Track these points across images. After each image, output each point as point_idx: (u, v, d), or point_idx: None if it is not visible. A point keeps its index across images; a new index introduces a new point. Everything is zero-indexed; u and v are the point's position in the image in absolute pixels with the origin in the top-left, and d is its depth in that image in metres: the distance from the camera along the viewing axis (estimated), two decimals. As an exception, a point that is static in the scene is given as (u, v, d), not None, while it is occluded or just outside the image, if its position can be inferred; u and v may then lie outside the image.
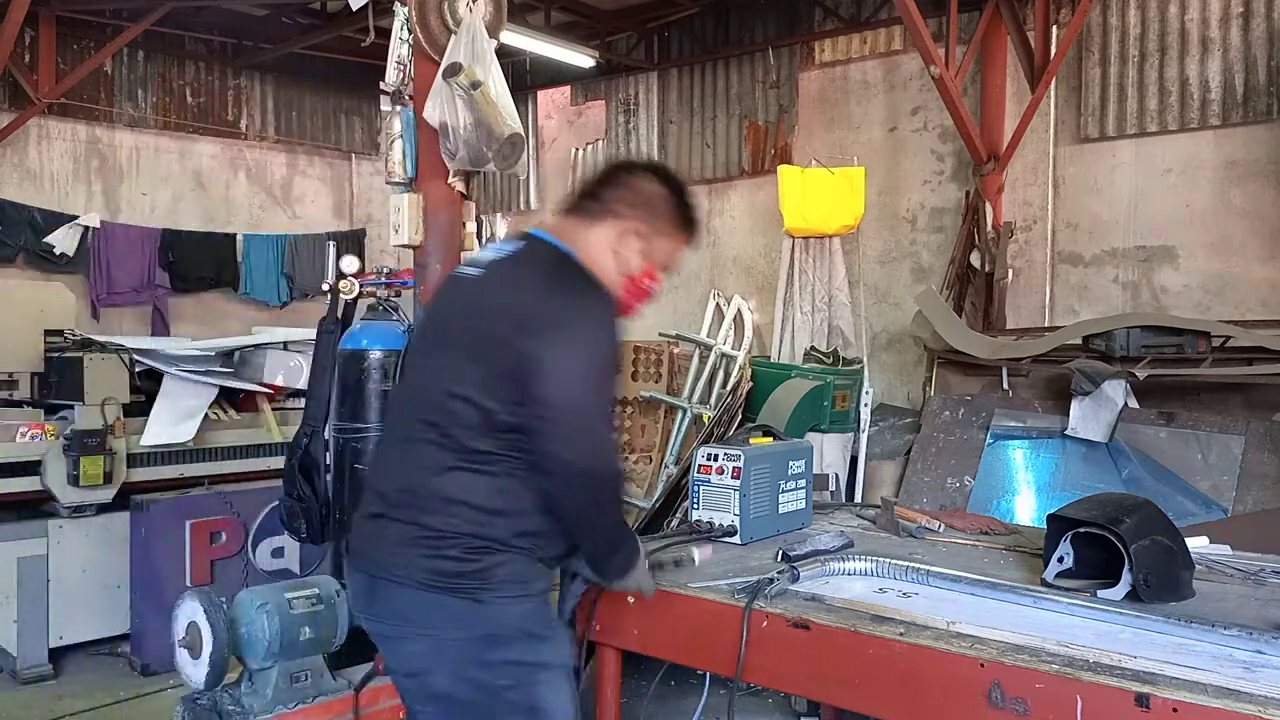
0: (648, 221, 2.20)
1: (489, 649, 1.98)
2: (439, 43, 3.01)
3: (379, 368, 3.28)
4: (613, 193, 2.19)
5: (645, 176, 2.24)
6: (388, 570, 2.03)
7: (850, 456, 7.21)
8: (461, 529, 1.98)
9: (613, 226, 2.17)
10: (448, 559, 1.97)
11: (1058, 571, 2.49)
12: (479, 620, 1.97)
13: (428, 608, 1.98)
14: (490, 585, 1.97)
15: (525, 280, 2.09)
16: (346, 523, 3.32)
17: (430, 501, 2.01)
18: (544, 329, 1.98)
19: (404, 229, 3.11)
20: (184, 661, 2.40)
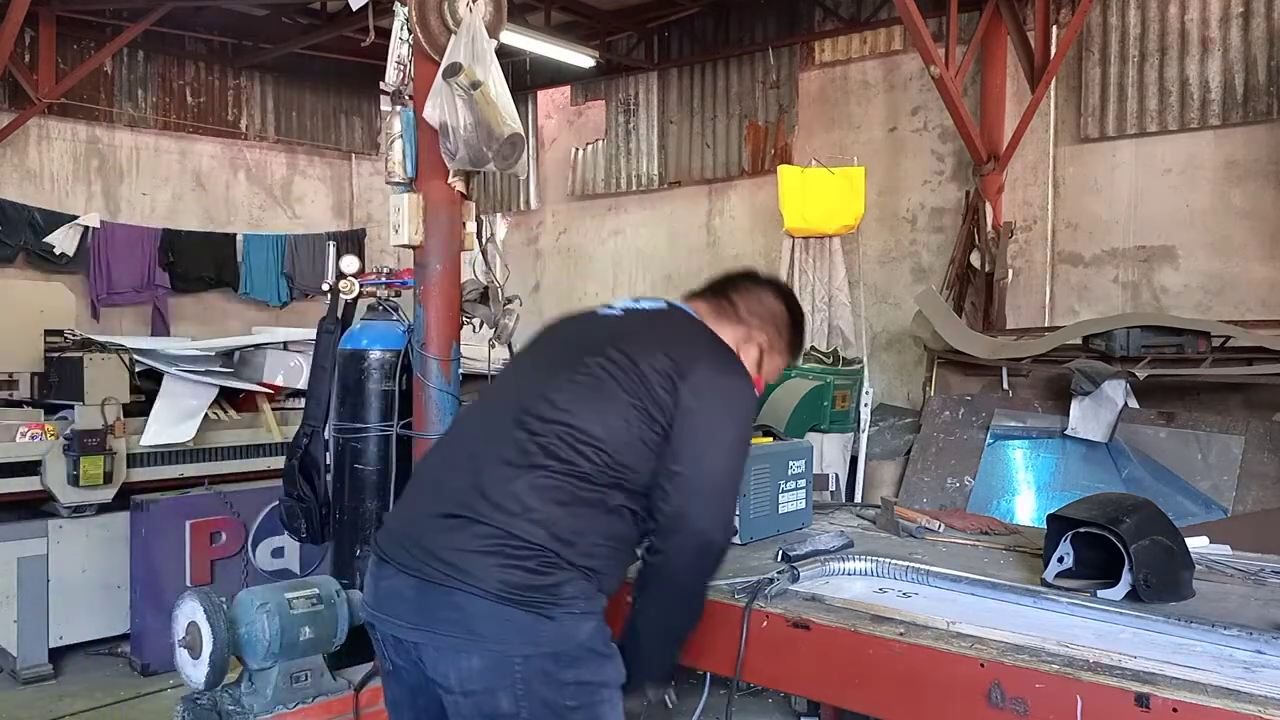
0: (772, 339, 2.31)
1: (559, 668, 1.90)
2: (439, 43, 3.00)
3: (379, 368, 3.28)
4: (745, 302, 2.30)
5: (774, 294, 2.35)
6: (453, 576, 1.90)
7: (850, 456, 7.21)
8: (537, 541, 1.91)
9: (742, 333, 2.27)
10: (523, 570, 1.89)
11: (1058, 571, 2.49)
12: (549, 637, 1.89)
13: (499, 621, 1.88)
14: (560, 601, 1.90)
15: (685, 337, 2.14)
16: (346, 523, 3.33)
17: (514, 510, 1.93)
18: (705, 389, 2.01)
19: (404, 229, 3.10)
20: (184, 661, 2.40)
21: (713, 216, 10.33)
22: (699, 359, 2.06)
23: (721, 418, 2.03)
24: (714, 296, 2.31)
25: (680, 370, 2.01)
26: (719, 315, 2.27)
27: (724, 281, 2.36)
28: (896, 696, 2.06)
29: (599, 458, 1.96)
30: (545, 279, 11.60)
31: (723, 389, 2.06)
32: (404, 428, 3.24)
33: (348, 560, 3.30)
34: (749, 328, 2.28)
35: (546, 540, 1.91)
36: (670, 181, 10.56)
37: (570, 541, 1.93)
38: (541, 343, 2.28)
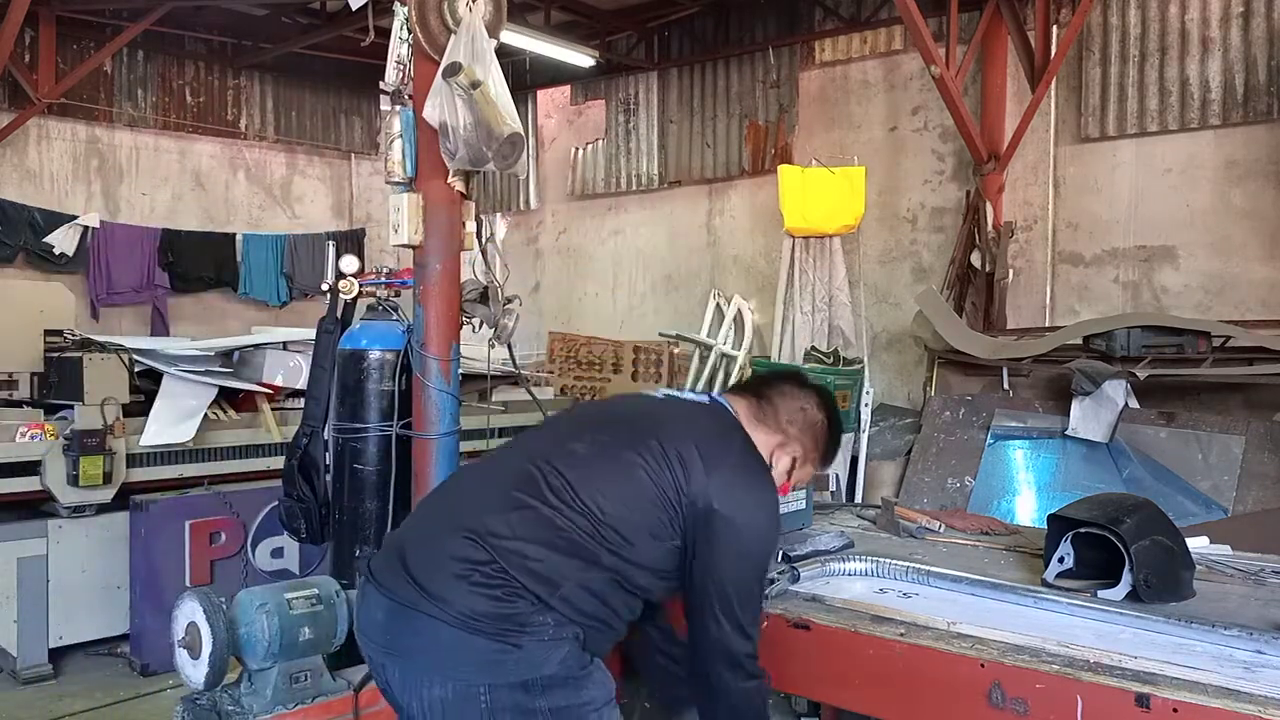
0: (808, 449, 2.27)
1: (529, 697, 1.85)
2: (439, 42, 3.00)
3: (378, 368, 3.28)
4: (786, 408, 2.25)
5: (816, 403, 2.30)
6: (422, 600, 1.87)
7: (850, 456, 7.21)
8: (511, 571, 1.86)
9: (778, 440, 2.23)
10: (490, 598, 1.84)
11: (1058, 572, 2.49)
12: (515, 667, 1.84)
13: (461, 650, 1.84)
14: (527, 629, 1.84)
15: (719, 435, 2.12)
16: (346, 523, 3.33)
17: (501, 534, 1.90)
18: (729, 493, 2.00)
19: (404, 229, 3.10)
20: (183, 662, 2.40)
21: (713, 216, 10.32)
22: (727, 460, 2.05)
23: (750, 533, 2.01)
24: (756, 398, 2.28)
25: (708, 467, 2.00)
26: (758, 419, 2.24)
27: (768, 381, 2.34)
28: (896, 696, 2.06)
29: (602, 518, 1.94)
30: (545, 279, 11.60)
31: (756, 504, 2.04)
32: (404, 428, 3.24)
33: (347, 560, 3.30)
34: (786, 436, 2.24)
35: (521, 573, 1.86)
36: (670, 181, 10.56)
37: (549, 581, 1.88)
38: (576, 411, 2.36)
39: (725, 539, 1.98)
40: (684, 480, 1.98)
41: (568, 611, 1.90)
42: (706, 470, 2.00)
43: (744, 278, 9.91)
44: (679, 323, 9.76)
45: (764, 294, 9.43)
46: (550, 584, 1.88)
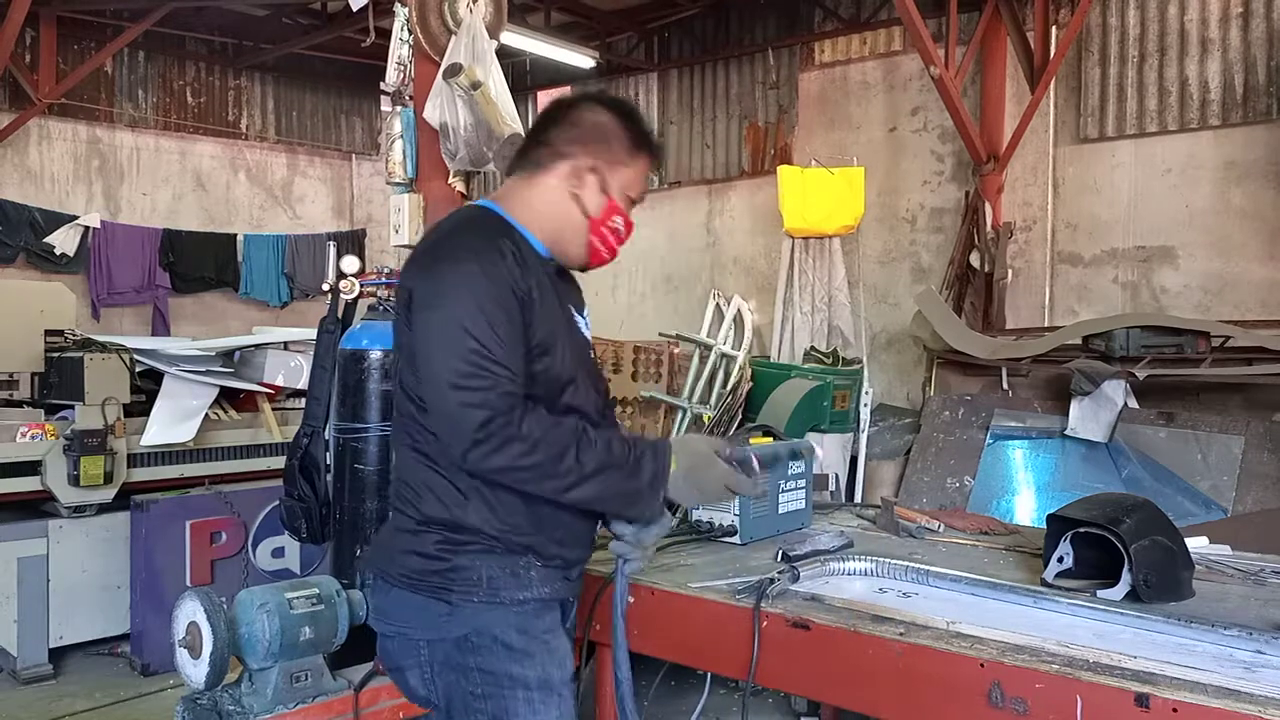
0: (602, 155, 1.96)
1: (459, 653, 1.84)
2: (439, 43, 3.01)
3: (379, 368, 3.28)
4: (559, 133, 1.95)
5: (588, 107, 1.98)
6: (374, 565, 1.99)
7: (850, 456, 7.21)
8: (430, 514, 1.84)
9: (565, 169, 1.94)
10: (418, 554, 1.85)
11: (1058, 571, 2.49)
12: (449, 622, 1.83)
13: (402, 605, 1.88)
14: (457, 587, 1.82)
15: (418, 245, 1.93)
16: (346, 523, 3.33)
17: (401, 489, 1.92)
18: (411, 282, 1.84)
19: (404, 229, 3.11)
20: (184, 661, 2.40)
21: (713, 217, 10.33)
22: (415, 262, 1.88)
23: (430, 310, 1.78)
24: (528, 151, 1.99)
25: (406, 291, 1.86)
26: (536, 171, 1.96)
27: (536, 126, 2.02)
28: (896, 696, 2.06)
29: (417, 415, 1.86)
30: (545, 279, 11.58)
31: (430, 276, 1.81)
32: (404, 428, 3.24)
33: (348, 560, 3.30)
34: (572, 159, 1.94)
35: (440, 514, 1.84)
36: (670, 182, 10.57)
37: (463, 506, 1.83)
38: None
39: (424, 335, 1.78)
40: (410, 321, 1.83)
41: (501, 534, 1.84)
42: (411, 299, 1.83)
43: (744, 278, 9.91)
44: (679, 323, 9.75)
45: (764, 294, 9.43)
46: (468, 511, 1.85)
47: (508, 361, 1.74)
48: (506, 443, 1.71)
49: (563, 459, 1.75)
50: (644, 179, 2.07)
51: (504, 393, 1.72)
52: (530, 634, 1.86)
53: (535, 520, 1.86)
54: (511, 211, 1.94)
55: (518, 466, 1.73)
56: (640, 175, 2.05)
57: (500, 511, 1.84)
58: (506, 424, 1.70)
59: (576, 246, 2.00)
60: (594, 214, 1.98)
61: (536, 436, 1.73)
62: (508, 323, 1.77)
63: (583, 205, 1.96)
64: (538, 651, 1.87)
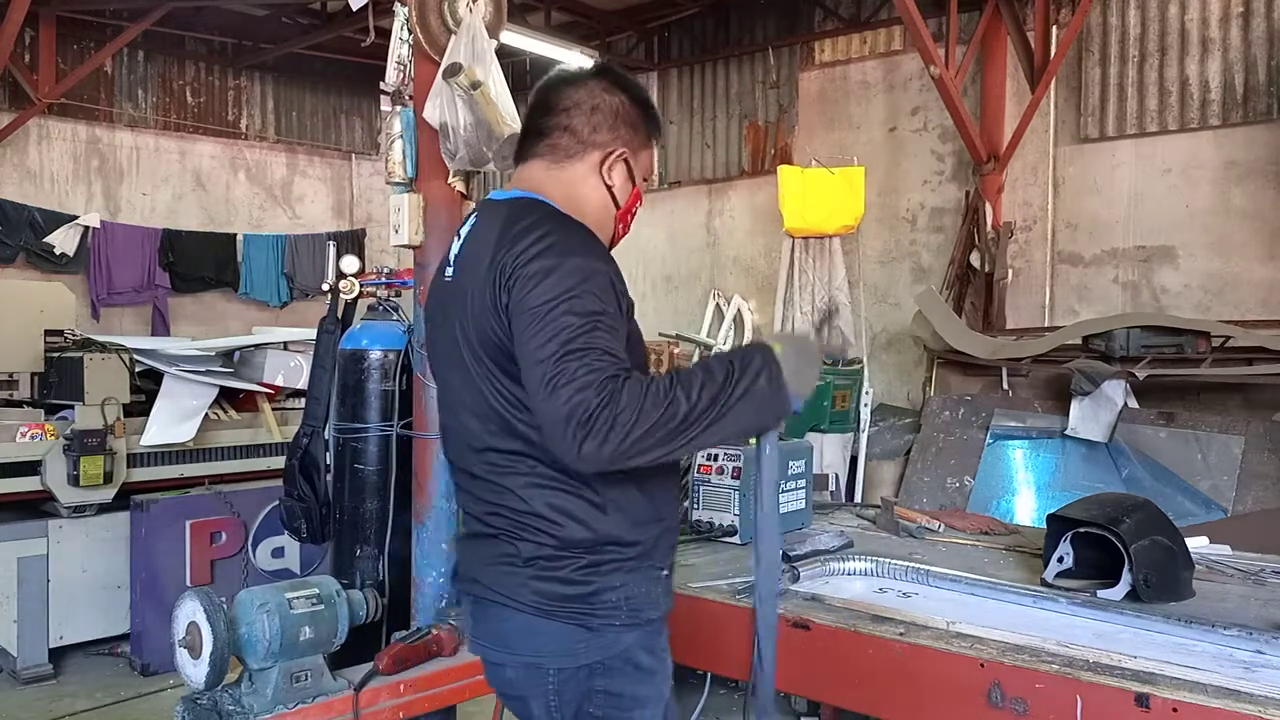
0: (630, 141, 1.91)
1: (590, 678, 1.78)
2: (439, 43, 3.00)
3: (379, 368, 3.28)
4: (583, 118, 1.87)
5: (604, 88, 1.89)
6: (488, 590, 1.83)
7: (850, 456, 7.21)
8: (572, 538, 1.74)
9: (596, 156, 1.88)
10: (557, 580, 1.75)
11: (1058, 571, 2.49)
12: (587, 648, 1.76)
13: (532, 635, 1.78)
14: (600, 612, 1.75)
15: (490, 249, 1.76)
16: (346, 523, 3.33)
17: (520, 518, 1.79)
18: (516, 278, 1.67)
19: (404, 229, 3.10)
20: (184, 661, 2.40)
21: (713, 216, 10.33)
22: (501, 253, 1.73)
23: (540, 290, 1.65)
24: (544, 139, 1.89)
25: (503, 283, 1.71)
26: (562, 160, 1.88)
27: (543, 105, 1.91)
28: (896, 696, 2.06)
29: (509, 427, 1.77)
30: (545, 279, 11.58)
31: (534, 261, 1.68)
32: (404, 428, 3.24)
33: (348, 560, 3.30)
34: (601, 148, 1.87)
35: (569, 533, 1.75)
36: (670, 181, 10.56)
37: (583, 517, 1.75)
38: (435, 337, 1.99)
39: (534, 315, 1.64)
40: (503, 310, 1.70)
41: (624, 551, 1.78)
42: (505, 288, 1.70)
43: (744, 278, 9.91)
44: (679, 322, 9.77)
45: (764, 294, 9.43)
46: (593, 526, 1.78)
47: (614, 350, 1.64)
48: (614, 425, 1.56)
49: (674, 405, 1.59)
50: (654, 157, 2.05)
51: (604, 378, 1.58)
52: (656, 653, 1.84)
53: (656, 516, 1.82)
54: (556, 201, 1.85)
55: (635, 437, 1.57)
56: (653, 156, 2.03)
57: (631, 513, 1.77)
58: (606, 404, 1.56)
59: (605, 235, 1.96)
60: (623, 203, 1.96)
61: (638, 402, 1.57)
62: (616, 319, 1.69)
63: (615, 195, 1.93)
64: (659, 669, 1.85)
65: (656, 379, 1.63)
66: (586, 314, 1.63)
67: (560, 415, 1.56)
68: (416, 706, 2.65)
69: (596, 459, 1.58)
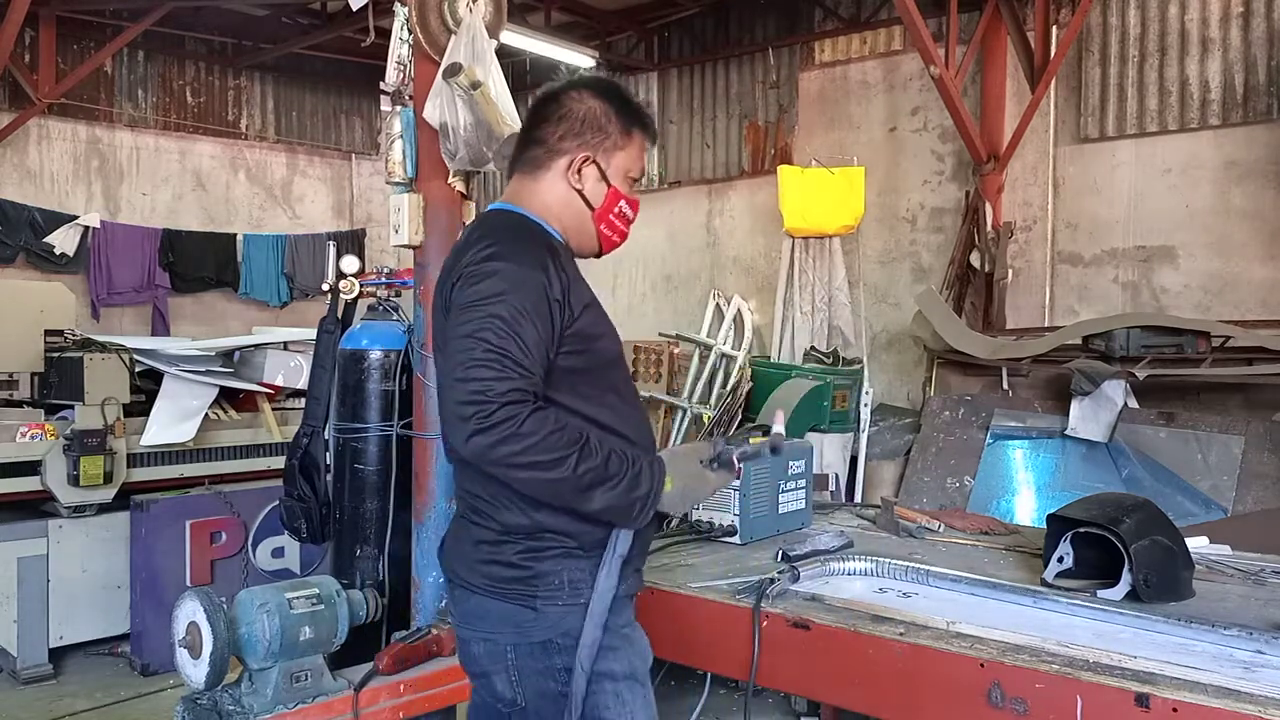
0: (596, 144, 1.97)
1: (546, 654, 1.87)
2: (439, 43, 3.00)
3: (379, 368, 3.29)
4: (551, 129, 1.96)
5: (575, 96, 1.97)
6: (453, 574, 1.97)
7: (850, 456, 7.21)
8: (509, 523, 1.85)
9: (563, 164, 1.96)
10: (499, 563, 1.87)
11: (1058, 571, 2.49)
12: (535, 626, 1.85)
13: (487, 614, 1.89)
14: (541, 593, 1.85)
15: (454, 253, 1.94)
16: (346, 522, 3.33)
17: (474, 501, 1.92)
18: (455, 297, 1.83)
19: (404, 229, 3.10)
20: (184, 661, 2.40)
21: (713, 216, 10.33)
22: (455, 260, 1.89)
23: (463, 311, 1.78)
24: (525, 151, 2.00)
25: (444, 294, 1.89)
26: (533, 171, 1.98)
27: (529, 124, 2.01)
28: (896, 696, 2.06)
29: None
30: (545, 279, 11.57)
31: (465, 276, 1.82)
32: (404, 428, 3.24)
33: (348, 560, 3.30)
34: (565, 155, 1.95)
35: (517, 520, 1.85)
36: (670, 181, 10.56)
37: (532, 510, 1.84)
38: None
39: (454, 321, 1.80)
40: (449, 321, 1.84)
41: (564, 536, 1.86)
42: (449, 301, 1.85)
43: (744, 278, 9.91)
44: (679, 323, 9.77)
45: (764, 294, 9.43)
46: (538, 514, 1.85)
47: (525, 363, 1.73)
48: (506, 437, 1.68)
49: (560, 464, 1.73)
50: (642, 155, 2.07)
51: (512, 388, 1.70)
52: (612, 630, 1.89)
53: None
54: (530, 209, 1.97)
55: (513, 463, 1.70)
56: (638, 153, 2.05)
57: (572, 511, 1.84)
58: (508, 417, 1.68)
59: (588, 238, 2.05)
60: (597, 205, 2.01)
61: (536, 436, 1.70)
62: (535, 330, 1.77)
63: (586, 199, 1.99)
64: (620, 645, 1.91)
65: (571, 425, 1.77)
66: (503, 319, 1.74)
67: (462, 404, 1.69)
68: (416, 706, 2.66)
69: (478, 454, 1.71)
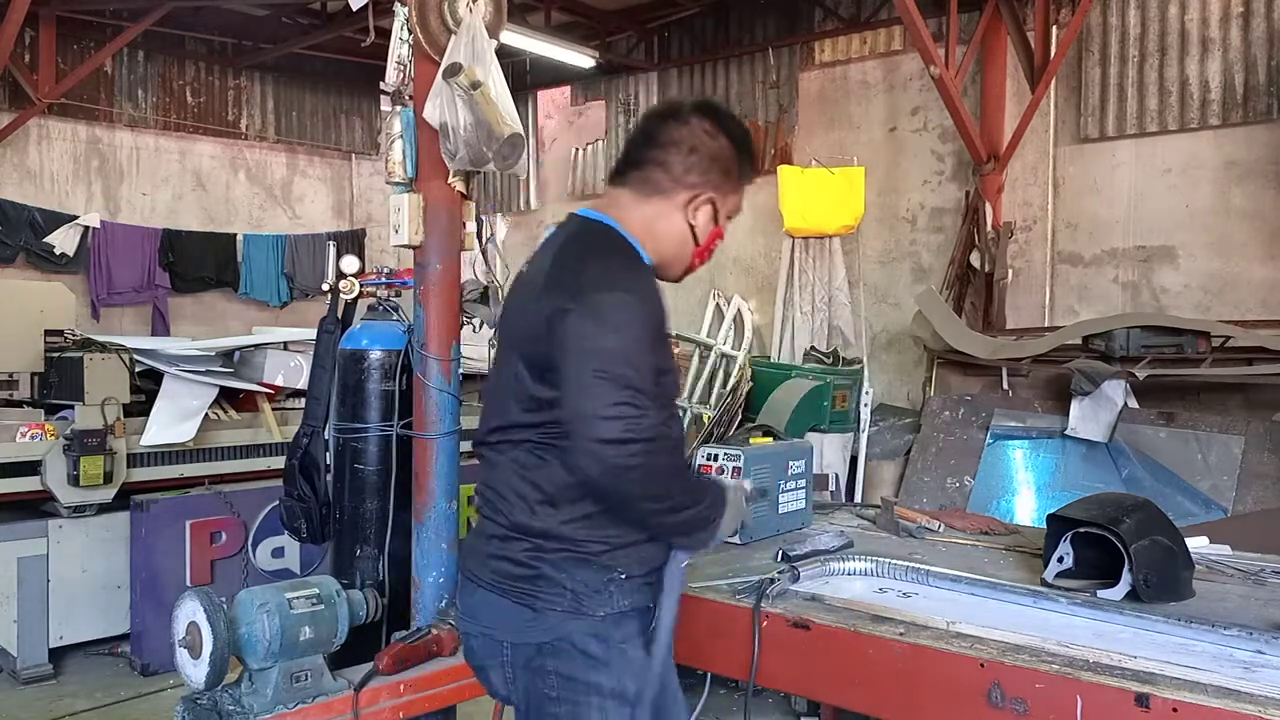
0: (719, 185, 2.00)
1: (539, 656, 1.88)
2: (439, 43, 3.00)
3: (379, 368, 3.28)
4: (678, 158, 1.96)
5: (707, 129, 1.97)
6: (463, 568, 2.04)
7: (850, 456, 7.21)
8: (519, 522, 1.88)
9: (683, 198, 1.98)
10: (508, 560, 1.90)
11: (1058, 571, 2.49)
12: (533, 628, 1.87)
13: (488, 608, 1.93)
14: (543, 595, 1.86)
15: (550, 259, 1.94)
16: (346, 523, 3.33)
17: (492, 496, 1.95)
18: (565, 303, 1.81)
19: (404, 229, 3.10)
20: (184, 661, 2.40)
21: (713, 216, 10.33)
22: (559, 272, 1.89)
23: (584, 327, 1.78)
24: (637, 170, 1.99)
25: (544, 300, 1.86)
26: (649, 194, 1.98)
27: (644, 137, 2.00)
28: (896, 696, 2.06)
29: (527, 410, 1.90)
30: (545, 279, 11.58)
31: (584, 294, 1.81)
32: (404, 428, 3.24)
33: (348, 560, 3.30)
34: (690, 189, 1.97)
35: (522, 519, 1.88)
36: (670, 181, 10.56)
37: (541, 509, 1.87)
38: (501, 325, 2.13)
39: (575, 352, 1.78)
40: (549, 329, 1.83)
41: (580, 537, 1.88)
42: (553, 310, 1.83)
43: (744, 278, 9.91)
44: (679, 323, 9.75)
45: (764, 294, 9.43)
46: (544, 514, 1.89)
47: (652, 394, 1.80)
48: (646, 475, 1.77)
49: (675, 498, 1.85)
50: (739, 204, 2.12)
51: (650, 424, 1.76)
52: (609, 643, 1.88)
53: (626, 533, 1.89)
54: (628, 227, 1.97)
55: (643, 495, 1.81)
56: (743, 197, 2.11)
57: (597, 521, 1.87)
58: (649, 454, 1.75)
59: (679, 267, 2.12)
60: (702, 240, 2.07)
61: (665, 471, 1.82)
62: (653, 355, 1.84)
63: (696, 234, 2.04)
64: (614, 660, 1.88)
65: (680, 457, 1.91)
66: (638, 355, 1.79)
67: (609, 442, 1.73)
68: (416, 706, 2.66)
69: (619, 489, 1.79)
